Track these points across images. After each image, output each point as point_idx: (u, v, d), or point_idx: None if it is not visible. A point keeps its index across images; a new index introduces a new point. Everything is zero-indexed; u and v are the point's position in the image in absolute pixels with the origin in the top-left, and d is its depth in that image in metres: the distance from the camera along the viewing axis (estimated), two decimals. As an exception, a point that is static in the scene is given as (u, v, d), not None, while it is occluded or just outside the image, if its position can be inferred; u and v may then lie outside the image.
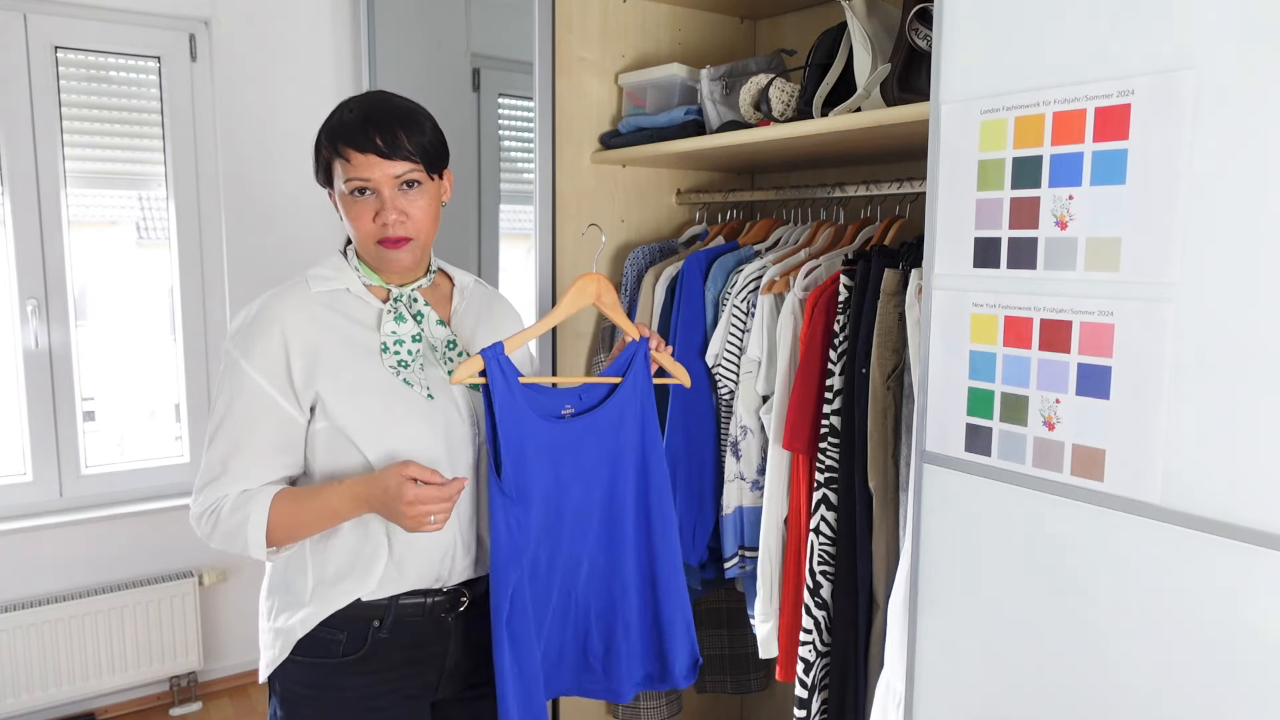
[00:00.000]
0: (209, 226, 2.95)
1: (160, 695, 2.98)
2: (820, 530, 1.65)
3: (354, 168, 1.28)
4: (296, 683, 1.35)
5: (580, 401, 1.45)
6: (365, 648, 1.33)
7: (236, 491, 1.29)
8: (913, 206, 1.82)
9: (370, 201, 1.30)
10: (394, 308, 1.36)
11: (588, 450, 1.44)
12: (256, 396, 1.28)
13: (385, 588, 1.33)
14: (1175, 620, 1.06)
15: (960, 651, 1.29)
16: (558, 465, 1.40)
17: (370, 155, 1.27)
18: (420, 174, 1.32)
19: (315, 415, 1.31)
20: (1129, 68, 1.05)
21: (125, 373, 2.96)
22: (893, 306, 1.55)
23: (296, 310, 1.30)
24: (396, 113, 1.31)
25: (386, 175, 1.28)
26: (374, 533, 1.32)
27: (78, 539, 2.81)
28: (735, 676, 2.33)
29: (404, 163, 1.29)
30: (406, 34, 3.05)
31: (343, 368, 1.30)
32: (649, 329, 1.50)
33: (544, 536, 1.40)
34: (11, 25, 2.61)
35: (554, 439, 1.40)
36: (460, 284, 1.51)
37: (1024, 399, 1.18)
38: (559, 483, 1.40)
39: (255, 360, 1.28)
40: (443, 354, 1.38)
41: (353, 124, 1.29)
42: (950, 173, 1.24)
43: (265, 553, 1.29)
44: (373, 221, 1.30)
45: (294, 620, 1.33)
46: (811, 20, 2.24)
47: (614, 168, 2.21)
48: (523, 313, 1.65)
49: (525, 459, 1.36)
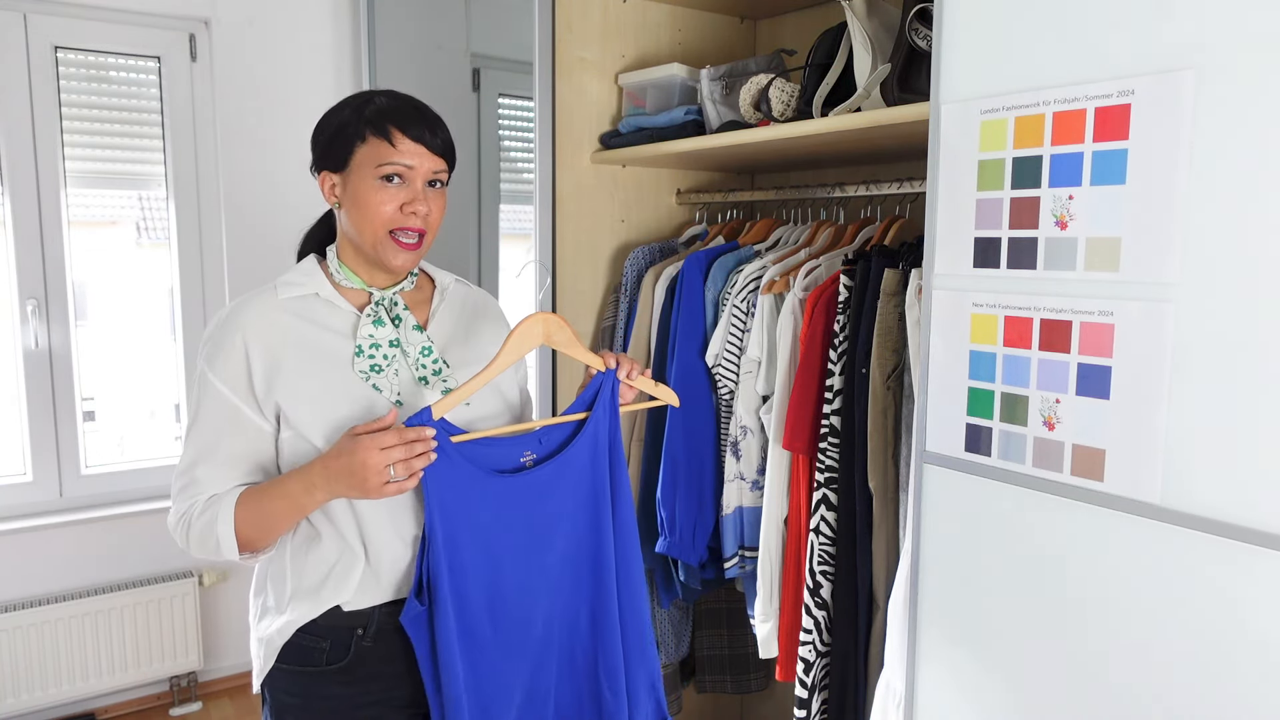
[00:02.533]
0: (209, 226, 2.95)
1: (160, 695, 2.98)
2: (820, 530, 1.65)
3: (399, 153, 1.27)
4: (284, 691, 1.35)
5: (541, 445, 1.35)
6: (349, 657, 1.32)
7: (205, 497, 1.28)
8: (913, 206, 1.82)
9: (400, 190, 1.28)
10: (374, 311, 1.34)
11: (557, 498, 1.34)
12: (220, 405, 1.28)
13: (365, 596, 1.32)
14: (1175, 620, 1.06)
15: (960, 651, 1.29)
16: (526, 519, 1.32)
17: (420, 145, 1.28)
18: (446, 175, 1.33)
19: (281, 424, 1.30)
20: (1129, 68, 1.05)
21: (125, 373, 2.96)
22: (893, 306, 1.55)
23: (260, 318, 1.29)
24: (434, 113, 1.32)
25: (427, 167, 1.29)
26: (351, 541, 1.30)
27: (78, 539, 2.80)
28: (735, 676, 2.33)
29: (442, 160, 1.31)
30: (406, 34, 3.05)
31: (306, 375, 1.29)
32: (616, 358, 1.41)
33: (518, 603, 1.34)
34: (11, 25, 2.61)
35: (515, 492, 1.31)
36: (441, 284, 1.48)
37: (1024, 399, 1.18)
38: (530, 538, 1.33)
39: (218, 369, 1.28)
40: (416, 360, 1.36)
41: (405, 109, 1.29)
42: (950, 173, 1.24)
43: (239, 554, 1.28)
44: (399, 210, 1.28)
45: (273, 629, 1.33)
46: (811, 20, 2.24)
47: (614, 168, 2.21)
48: (521, 313, 1.64)
49: (468, 530, 1.28)
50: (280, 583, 1.34)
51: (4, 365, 2.74)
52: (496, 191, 3.26)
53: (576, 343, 1.39)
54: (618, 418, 1.40)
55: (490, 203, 3.25)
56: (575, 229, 2.15)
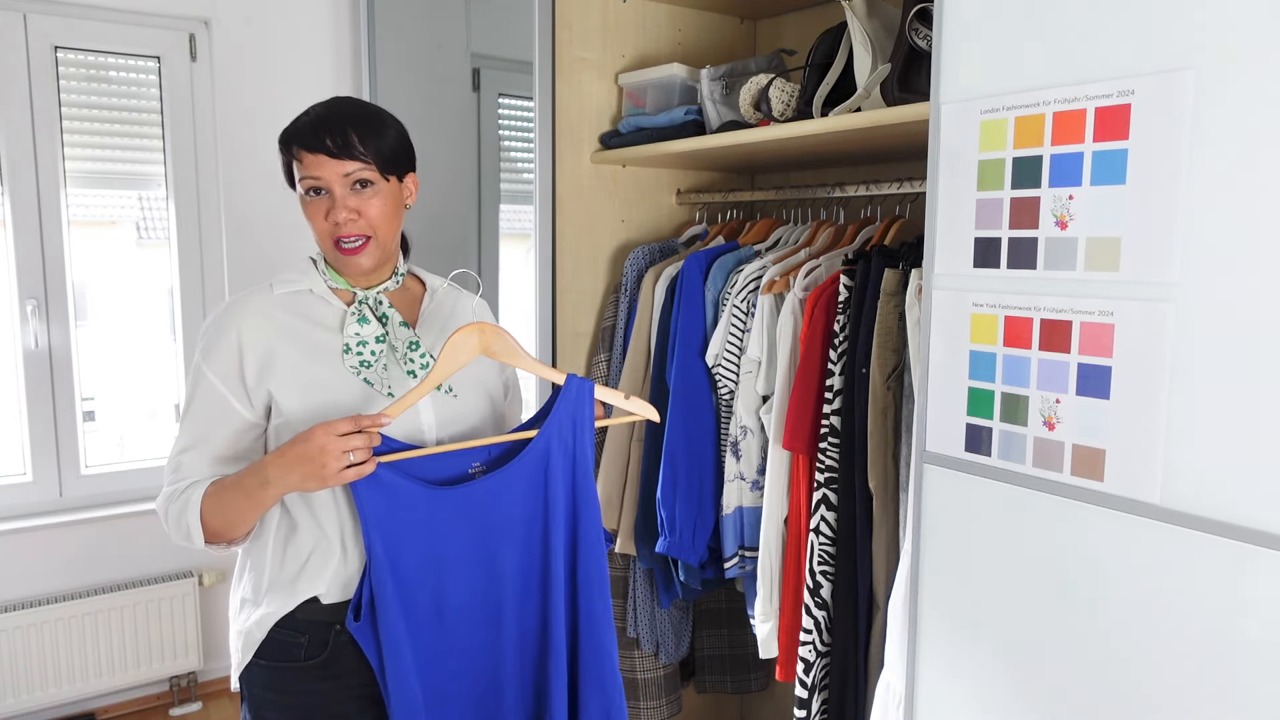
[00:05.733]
0: (209, 226, 2.95)
1: (160, 695, 2.98)
2: (820, 530, 1.65)
3: (305, 167, 1.31)
4: (261, 686, 1.36)
5: (489, 454, 1.34)
6: (326, 652, 1.34)
7: (186, 484, 1.31)
8: (913, 206, 1.82)
9: (323, 201, 1.32)
10: (358, 310, 1.37)
11: (503, 509, 1.33)
12: (211, 398, 1.32)
13: (342, 589, 1.33)
14: (1175, 620, 1.06)
15: (960, 651, 1.29)
16: (471, 529, 1.32)
17: (320, 155, 1.30)
18: (372, 173, 1.33)
19: (272, 413, 1.33)
20: (1129, 68, 1.05)
21: (125, 372, 2.96)
22: (893, 306, 1.55)
23: (255, 313, 1.34)
24: (352, 115, 1.34)
25: (336, 174, 1.31)
26: (329, 532, 1.33)
27: (78, 539, 2.80)
28: (735, 676, 2.33)
29: (353, 162, 1.31)
30: (406, 34, 3.05)
31: (298, 367, 1.32)
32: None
33: (469, 609, 1.33)
34: (11, 25, 2.61)
35: (457, 503, 1.30)
36: (431, 287, 1.52)
37: (1024, 399, 1.18)
38: (478, 548, 1.32)
39: (212, 363, 1.32)
40: (404, 354, 1.38)
41: (304, 126, 1.32)
42: (950, 173, 1.24)
43: (207, 544, 1.31)
44: (325, 220, 1.32)
45: (251, 621, 1.35)
46: (811, 20, 2.24)
47: (614, 168, 2.21)
48: (521, 313, 1.64)
49: (409, 542, 1.28)
50: (259, 573, 1.37)
51: (4, 365, 2.74)
52: (496, 191, 3.26)
53: (520, 352, 1.37)
54: (590, 430, 1.36)
55: (490, 203, 3.25)
56: (575, 229, 2.15)
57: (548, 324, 2.15)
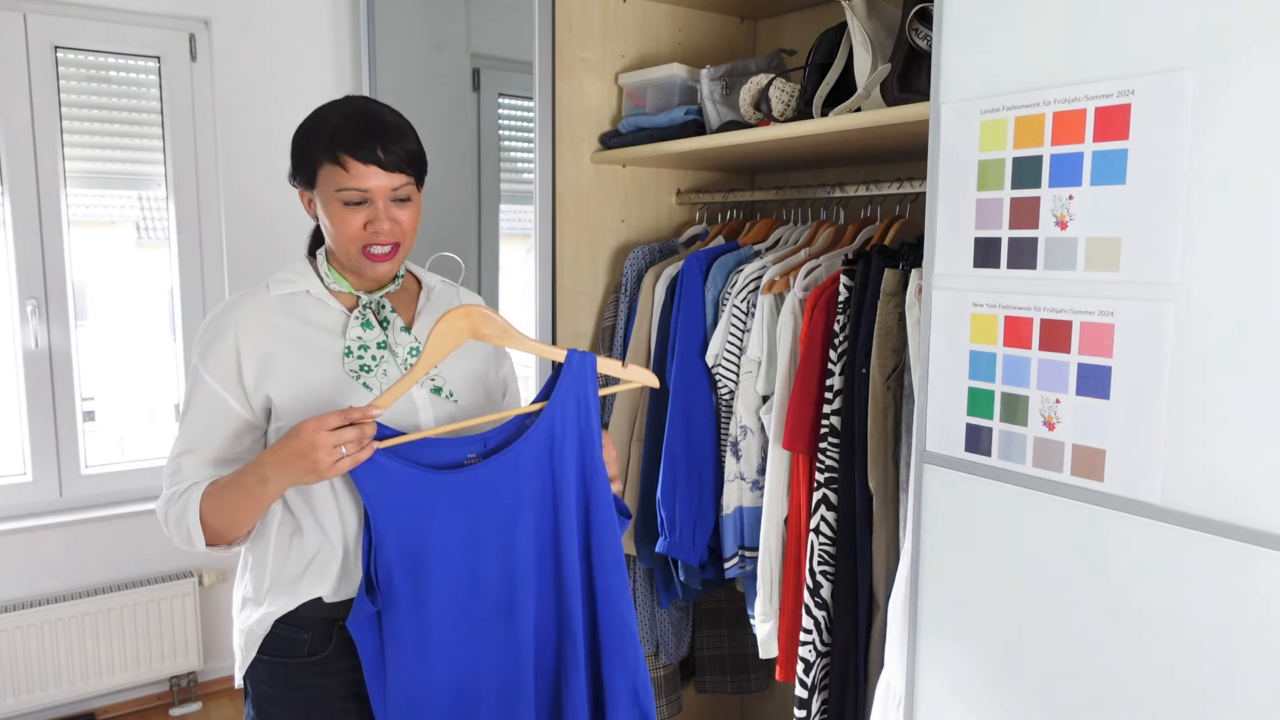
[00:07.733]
0: (209, 226, 2.95)
1: (160, 695, 2.98)
2: (820, 530, 1.65)
3: (352, 178, 1.27)
4: (264, 682, 1.37)
5: (485, 445, 1.31)
6: (329, 648, 1.34)
7: (185, 486, 1.31)
8: (913, 206, 1.82)
9: (363, 210, 1.30)
10: (362, 314, 1.37)
11: (508, 492, 1.30)
12: (210, 400, 1.32)
13: (344, 589, 1.34)
14: (1174, 619, 1.06)
15: (960, 651, 1.29)
16: (476, 513, 1.29)
17: (372, 166, 1.27)
18: (413, 188, 1.33)
19: (271, 416, 1.33)
20: (1129, 68, 1.05)
21: (125, 372, 2.96)
22: (893, 306, 1.55)
23: (251, 315, 1.33)
24: (391, 125, 1.31)
25: (384, 187, 1.29)
26: (331, 534, 1.33)
27: (78, 539, 2.80)
28: (735, 676, 2.33)
29: (401, 175, 1.30)
30: (406, 34, 3.05)
31: (295, 369, 1.32)
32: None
33: (483, 595, 1.31)
34: (11, 25, 2.61)
35: (460, 487, 1.28)
36: (427, 285, 1.51)
37: (1024, 399, 1.18)
38: (486, 531, 1.30)
39: (210, 365, 1.31)
40: (404, 360, 1.38)
41: (355, 133, 1.28)
42: (950, 173, 1.24)
43: (208, 545, 1.30)
44: (363, 229, 1.30)
45: (253, 620, 1.35)
46: (811, 20, 2.24)
47: (614, 168, 2.21)
48: (521, 313, 1.64)
49: (414, 527, 1.26)
50: (260, 573, 1.37)
51: (4, 365, 2.74)
52: (496, 191, 3.26)
53: (512, 332, 1.31)
54: (596, 406, 1.32)
55: (490, 203, 3.25)
56: (575, 229, 2.15)
57: (548, 324, 2.15)
